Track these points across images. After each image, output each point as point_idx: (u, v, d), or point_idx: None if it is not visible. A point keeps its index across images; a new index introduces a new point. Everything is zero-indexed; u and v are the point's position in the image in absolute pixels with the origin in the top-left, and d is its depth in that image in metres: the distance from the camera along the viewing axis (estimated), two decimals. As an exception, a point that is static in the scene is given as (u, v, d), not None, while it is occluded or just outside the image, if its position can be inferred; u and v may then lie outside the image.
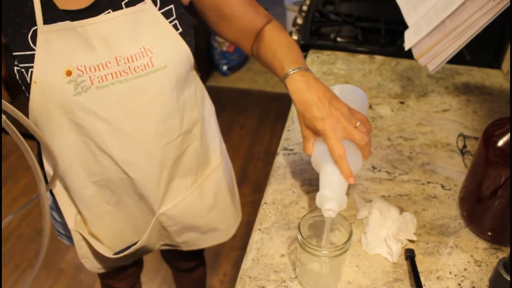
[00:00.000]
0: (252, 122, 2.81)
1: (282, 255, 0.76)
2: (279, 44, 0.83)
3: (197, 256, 1.32)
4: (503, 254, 0.77)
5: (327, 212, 0.67)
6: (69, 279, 1.87)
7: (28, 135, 0.65)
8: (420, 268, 0.73)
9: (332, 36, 1.49)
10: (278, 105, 2.96)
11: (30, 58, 0.72)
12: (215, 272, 1.86)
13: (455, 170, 0.95)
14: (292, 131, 1.07)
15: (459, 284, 0.72)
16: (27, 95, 0.75)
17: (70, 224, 0.91)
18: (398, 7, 1.18)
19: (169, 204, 0.94)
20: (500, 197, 0.75)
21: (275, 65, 0.80)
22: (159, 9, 0.77)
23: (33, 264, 1.92)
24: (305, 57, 1.42)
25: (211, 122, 1.00)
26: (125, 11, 0.74)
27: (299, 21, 1.67)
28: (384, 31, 1.49)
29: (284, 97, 1.03)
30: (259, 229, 0.81)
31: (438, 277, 0.73)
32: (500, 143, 0.73)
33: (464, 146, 1.01)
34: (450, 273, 0.74)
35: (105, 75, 0.74)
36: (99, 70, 0.74)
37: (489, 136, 0.75)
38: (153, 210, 0.93)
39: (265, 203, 0.87)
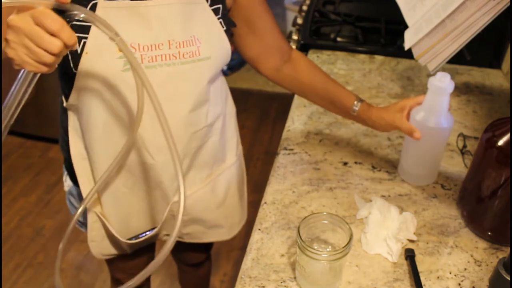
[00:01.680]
0: (252, 122, 2.81)
1: (282, 255, 0.76)
2: (328, 77, 0.96)
3: (206, 250, 1.33)
4: (503, 254, 0.77)
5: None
6: (69, 279, 1.87)
7: (33, 136, 0.65)
8: (420, 268, 0.73)
9: (332, 36, 1.49)
10: (278, 105, 2.96)
11: (86, 29, 0.73)
12: (215, 272, 1.86)
13: (455, 170, 0.95)
14: (292, 131, 1.07)
15: (459, 284, 0.72)
16: (71, 65, 0.76)
17: (88, 202, 0.91)
18: (398, 7, 1.18)
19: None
20: (500, 197, 0.75)
21: (338, 94, 0.93)
22: (210, 6, 0.82)
23: (33, 264, 1.92)
24: (305, 57, 1.42)
25: (231, 120, 1.02)
26: (181, 0, 0.77)
27: (299, 21, 1.67)
28: (384, 31, 1.49)
29: (284, 97, 1.03)
30: (259, 229, 0.81)
31: (438, 277, 0.73)
32: (500, 143, 0.73)
33: (464, 146, 1.01)
34: (450, 273, 0.73)
35: (156, 56, 0.77)
36: (152, 50, 0.77)
37: (489, 136, 0.75)
38: (168, 198, 0.94)
39: (265, 203, 0.87)
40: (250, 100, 3.03)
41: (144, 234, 1.00)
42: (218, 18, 0.83)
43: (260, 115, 2.88)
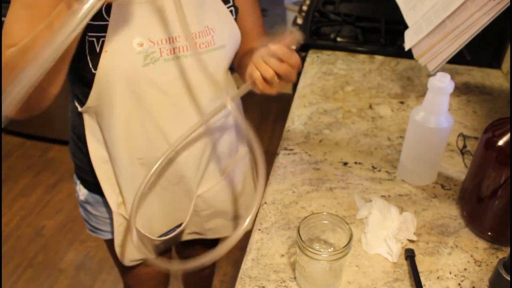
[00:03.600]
0: (252, 122, 2.80)
1: (282, 255, 0.76)
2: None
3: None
4: (503, 254, 0.77)
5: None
6: (69, 279, 1.87)
7: (33, 136, 0.65)
8: (420, 268, 0.73)
9: (332, 36, 1.49)
10: (278, 105, 2.96)
11: (103, 28, 0.73)
12: (215, 272, 1.86)
13: (455, 170, 0.95)
14: (292, 131, 1.07)
15: (459, 284, 0.72)
16: (90, 66, 0.76)
17: (113, 206, 0.91)
18: (398, 7, 1.18)
19: (205, 186, 0.96)
20: (500, 197, 0.75)
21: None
22: None
23: (33, 264, 1.92)
24: (305, 57, 1.42)
25: (240, 110, 1.01)
26: None
27: (299, 21, 1.67)
28: (384, 31, 1.49)
29: (284, 97, 1.04)
30: (259, 229, 0.81)
31: (438, 277, 0.73)
32: (500, 143, 0.73)
33: (464, 146, 1.01)
34: (450, 273, 0.73)
35: (174, 49, 0.78)
36: (169, 43, 0.77)
37: (489, 136, 0.75)
38: (191, 192, 0.94)
39: (265, 203, 0.87)
40: (250, 100, 3.02)
41: (171, 231, 0.99)
42: (229, 7, 0.84)
43: (260, 115, 2.88)
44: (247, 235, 0.87)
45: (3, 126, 2.67)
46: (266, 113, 2.90)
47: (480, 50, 1.34)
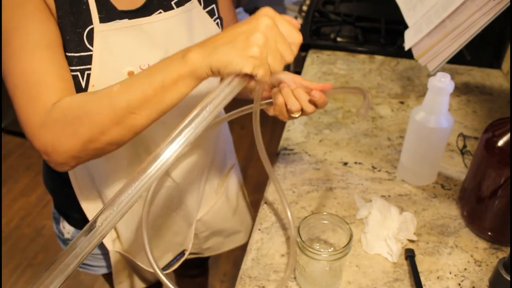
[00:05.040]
0: (252, 122, 2.81)
1: (282, 255, 0.76)
2: None
3: (205, 263, 1.34)
4: (503, 254, 0.77)
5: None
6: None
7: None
8: (420, 268, 0.73)
9: (332, 36, 1.49)
10: (278, 105, 2.96)
11: (87, 60, 0.66)
12: (215, 272, 1.86)
13: (455, 170, 0.95)
14: (292, 131, 1.07)
15: (459, 284, 0.72)
16: None
17: (109, 245, 0.86)
18: (398, 7, 1.18)
19: (204, 209, 0.95)
20: (500, 197, 0.75)
21: None
22: (203, 8, 0.78)
23: (33, 264, 1.92)
24: (305, 57, 1.42)
25: (226, 123, 1.00)
26: (176, 11, 0.72)
27: (299, 21, 1.67)
28: (384, 31, 1.49)
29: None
30: (259, 229, 0.81)
31: (438, 277, 0.73)
32: (500, 143, 0.73)
33: (464, 146, 1.01)
34: (450, 273, 0.73)
35: None
36: None
37: (489, 136, 0.75)
38: (190, 217, 0.92)
39: (265, 203, 0.87)
40: (250, 100, 3.03)
41: (175, 260, 0.96)
42: (215, 19, 0.80)
43: (260, 115, 2.88)
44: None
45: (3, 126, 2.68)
46: (266, 113, 2.89)
47: (480, 50, 1.34)
